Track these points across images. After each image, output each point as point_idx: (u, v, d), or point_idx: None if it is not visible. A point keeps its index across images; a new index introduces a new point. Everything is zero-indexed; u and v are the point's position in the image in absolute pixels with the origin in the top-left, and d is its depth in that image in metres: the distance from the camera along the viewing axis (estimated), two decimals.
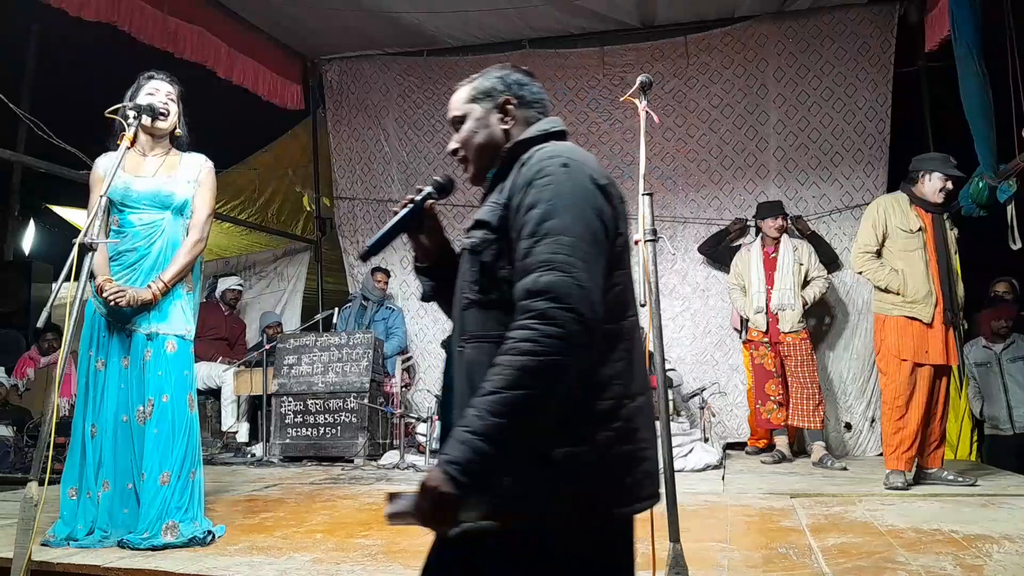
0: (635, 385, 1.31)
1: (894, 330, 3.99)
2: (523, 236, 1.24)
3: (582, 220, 1.24)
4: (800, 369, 5.08)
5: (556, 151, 1.33)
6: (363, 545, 2.77)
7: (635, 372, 1.32)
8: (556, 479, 1.21)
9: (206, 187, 3.06)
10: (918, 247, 3.99)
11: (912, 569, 2.35)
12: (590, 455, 1.23)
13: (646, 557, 2.43)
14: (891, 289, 4.00)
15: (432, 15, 6.21)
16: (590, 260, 1.21)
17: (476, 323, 1.32)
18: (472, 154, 1.52)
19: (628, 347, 1.31)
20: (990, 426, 5.30)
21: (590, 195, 1.27)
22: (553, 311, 1.15)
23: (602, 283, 1.23)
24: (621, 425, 1.26)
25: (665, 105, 6.34)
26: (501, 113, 1.48)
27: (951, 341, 3.96)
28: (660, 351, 2.25)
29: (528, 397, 1.14)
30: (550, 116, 1.52)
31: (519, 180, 1.31)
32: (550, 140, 1.42)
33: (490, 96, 1.49)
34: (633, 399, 1.29)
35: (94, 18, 4.75)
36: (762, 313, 5.19)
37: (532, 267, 1.20)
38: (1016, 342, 5.33)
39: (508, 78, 1.51)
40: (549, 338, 1.14)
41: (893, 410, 3.96)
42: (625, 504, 1.27)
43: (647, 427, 1.33)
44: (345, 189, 7.24)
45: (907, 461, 3.93)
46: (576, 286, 1.17)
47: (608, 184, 1.32)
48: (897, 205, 4.08)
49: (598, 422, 1.25)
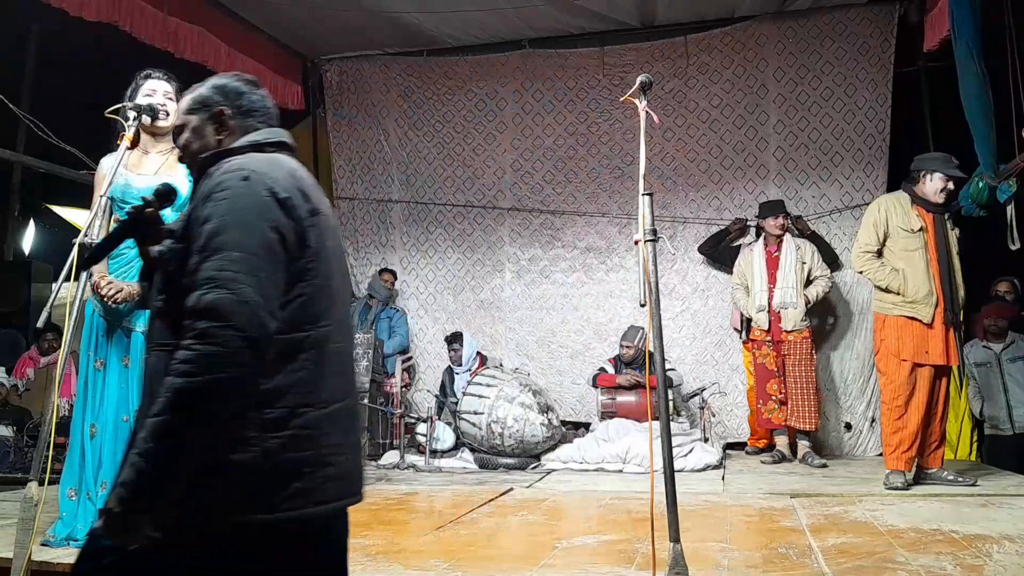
0: (323, 394, 1.35)
1: (894, 330, 3.98)
2: (195, 251, 1.27)
3: (254, 235, 1.26)
4: (799, 368, 5.09)
5: (242, 164, 1.34)
6: (363, 545, 2.77)
7: (325, 381, 1.36)
8: (223, 488, 1.25)
9: None
10: (919, 247, 3.99)
11: (912, 569, 2.35)
12: (257, 461, 1.26)
13: (646, 557, 2.43)
14: (892, 289, 3.99)
15: (432, 15, 6.21)
16: (261, 275, 1.24)
17: (160, 331, 1.37)
18: (189, 163, 1.53)
19: (314, 357, 1.34)
20: (990, 426, 5.30)
21: (266, 209, 1.29)
22: (213, 330, 1.18)
23: (277, 297, 1.27)
24: (295, 433, 1.30)
25: (665, 105, 6.34)
26: (215, 124, 1.48)
27: (951, 341, 3.95)
28: (660, 351, 2.25)
29: (186, 419, 1.18)
30: (273, 127, 1.52)
31: (200, 192, 1.34)
32: (264, 151, 1.43)
33: (206, 106, 1.49)
34: (317, 407, 1.33)
35: (95, 18, 4.75)
36: (764, 311, 5.20)
37: (198, 284, 1.22)
38: (1016, 342, 5.32)
39: (226, 87, 1.51)
40: (208, 358, 1.17)
41: (892, 410, 3.95)
42: (298, 507, 1.29)
43: (340, 433, 1.38)
44: (345, 189, 7.24)
45: (907, 461, 3.92)
46: (240, 303, 1.20)
47: (290, 197, 1.33)
48: (898, 204, 4.07)
49: (268, 430, 1.28)
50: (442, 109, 7.00)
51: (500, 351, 6.70)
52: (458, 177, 6.99)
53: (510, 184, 6.88)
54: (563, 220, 6.73)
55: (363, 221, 7.22)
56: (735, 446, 5.89)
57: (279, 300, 1.28)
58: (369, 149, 7.20)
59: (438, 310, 6.98)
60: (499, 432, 4.99)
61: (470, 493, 4.00)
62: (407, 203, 7.10)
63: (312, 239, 1.35)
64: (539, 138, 6.80)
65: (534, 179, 6.82)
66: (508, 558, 2.65)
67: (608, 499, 3.79)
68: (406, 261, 7.09)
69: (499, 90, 6.89)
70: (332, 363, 1.38)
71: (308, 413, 1.32)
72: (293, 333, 1.32)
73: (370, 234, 7.20)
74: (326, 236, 1.40)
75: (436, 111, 7.01)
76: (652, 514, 2.16)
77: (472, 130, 6.95)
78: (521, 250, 6.82)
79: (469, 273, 6.92)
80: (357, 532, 3.00)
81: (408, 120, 7.10)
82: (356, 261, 7.19)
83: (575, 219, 6.70)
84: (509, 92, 6.87)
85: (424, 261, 7.06)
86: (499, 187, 6.91)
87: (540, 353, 6.66)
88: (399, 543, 2.79)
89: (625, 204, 6.49)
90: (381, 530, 3.05)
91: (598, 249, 6.64)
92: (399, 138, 7.11)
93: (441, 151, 7.03)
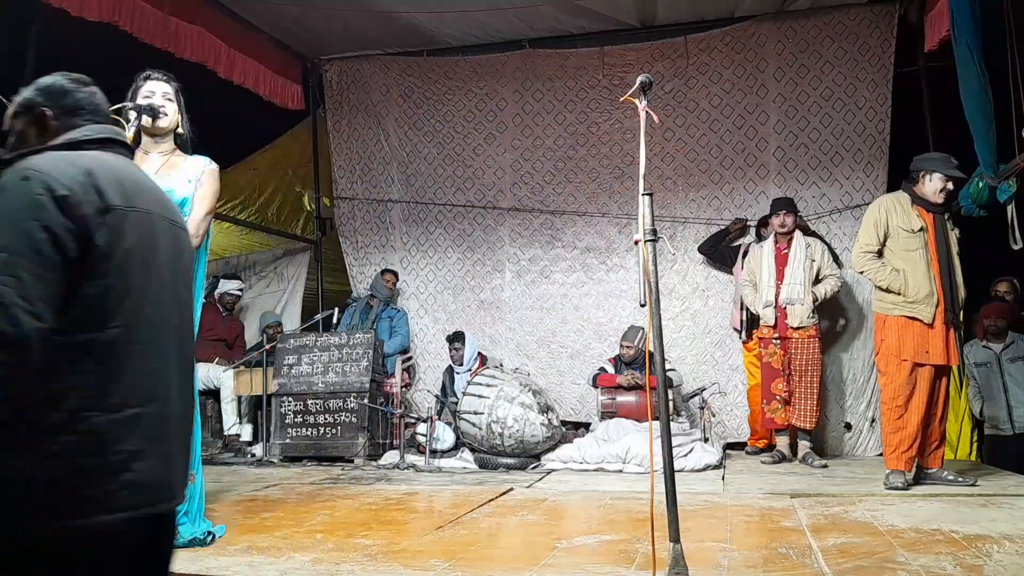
0: (114, 398, 1.31)
1: (895, 330, 3.98)
2: None
3: (19, 234, 1.23)
4: (804, 367, 5.07)
5: (29, 163, 1.31)
6: (363, 545, 2.77)
7: (117, 385, 1.32)
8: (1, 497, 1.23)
9: (206, 187, 3.01)
10: (919, 247, 3.99)
11: (912, 569, 2.35)
12: (38, 467, 1.23)
13: (646, 557, 2.43)
14: (892, 289, 3.99)
15: (432, 15, 6.21)
16: (24, 275, 1.21)
17: None
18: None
19: (102, 359, 1.30)
20: (990, 426, 5.30)
21: (36, 208, 1.25)
22: None
23: (47, 298, 1.23)
24: (80, 438, 1.26)
25: (665, 105, 6.34)
26: (37, 126, 1.46)
27: (952, 341, 3.95)
28: (660, 351, 2.25)
29: None
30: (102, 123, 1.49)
31: None
32: (82, 148, 1.40)
33: (29, 109, 1.47)
34: (107, 412, 1.30)
35: (95, 18, 4.75)
36: (771, 307, 5.17)
37: None
38: (1016, 342, 5.32)
39: (51, 88, 1.49)
40: None
41: (892, 410, 3.95)
42: (87, 515, 1.26)
43: (142, 439, 1.34)
44: (345, 189, 7.24)
45: (907, 461, 3.92)
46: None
47: (70, 195, 1.28)
48: (899, 205, 4.07)
49: (49, 434, 1.25)
50: (442, 109, 7.01)
51: (500, 351, 6.71)
52: (458, 177, 6.99)
53: (510, 184, 6.88)
54: (563, 220, 6.73)
55: (363, 221, 7.22)
56: (735, 446, 5.89)
57: (50, 301, 1.24)
58: (369, 149, 7.21)
59: (438, 310, 6.98)
60: (499, 432, 4.99)
61: (470, 493, 4.00)
62: (407, 203, 7.10)
63: (101, 238, 1.30)
64: (539, 138, 6.80)
65: (534, 179, 6.82)
66: (508, 558, 2.65)
67: (608, 499, 3.79)
68: (406, 261, 7.09)
69: (499, 90, 6.89)
70: (132, 366, 1.34)
71: (95, 417, 1.28)
72: (77, 334, 1.28)
73: (370, 234, 7.20)
74: (124, 235, 1.34)
75: (436, 111, 7.01)
76: (652, 514, 2.16)
77: (472, 130, 6.96)
78: (521, 250, 6.82)
79: (469, 273, 6.93)
80: (357, 532, 3.01)
81: (408, 120, 7.10)
82: (356, 261, 7.19)
83: (575, 219, 6.70)
84: (509, 92, 6.88)
85: (424, 261, 7.06)
86: (499, 187, 6.91)
87: (540, 353, 6.66)
88: (399, 543, 2.80)
89: (625, 204, 6.50)
90: (381, 530, 3.05)
91: (598, 249, 6.64)
92: (399, 138, 7.11)
93: (441, 151, 7.03)
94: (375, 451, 5.47)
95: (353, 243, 7.21)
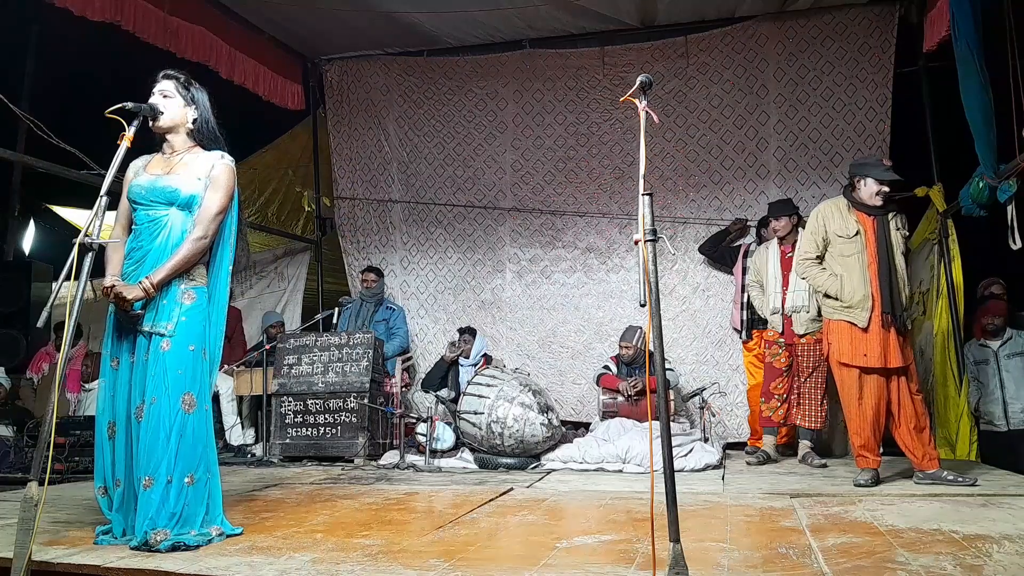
0: None
1: (836, 334, 4.07)
2: None
3: None
4: (810, 371, 5.01)
5: None
6: (363, 545, 2.77)
7: None
8: None
9: (217, 183, 2.96)
10: (855, 251, 4.03)
11: (912, 569, 2.35)
12: None
13: (646, 557, 2.43)
14: (830, 294, 4.08)
15: (432, 15, 6.21)
16: None
17: None
18: None
19: None
20: (984, 422, 5.31)
21: None
22: None
23: None
24: None
25: (665, 105, 6.34)
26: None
27: (892, 344, 3.93)
28: (660, 351, 2.25)
29: None
30: None
31: None
32: None
33: None
34: None
35: (98, 18, 4.76)
36: (778, 314, 5.13)
37: None
38: (1014, 337, 5.34)
39: None
40: None
41: (847, 411, 4.08)
42: None
43: None
44: (345, 189, 7.25)
45: (872, 460, 4.03)
46: None
47: None
48: (836, 210, 4.14)
49: None
50: (442, 109, 7.01)
51: (501, 351, 6.71)
52: (459, 177, 6.99)
53: (510, 184, 6.88)
54: (564, 220, 6.73)
55: (363, 221, 7.23)
56: (735, 446, 5.89)
57: None
58: (369, 149, 7.21)
59: (438, 310, 6.98)
60: (499, 432, 4.99)
61: (470, 493, 4.00)
62: (407, 203, 7.10)
63: None
64: (539, 138, 6.81)
65: (534, 179, 6.82)
66: (508, 558, 2.65)
67: (608, 499, 3.79)
68: (406, 261, 7.09)
69: (499, 90, 6.89)
70: None
71: None
72: None
73: (370, 234, 7.21)
74: None
75: (436, 111, 7.01)
76: (652, 514, 2.16)
77: (472, 130, 6.96)
78: (522, 250, 6.82)
79: (470, 273, 6.93)
80: (357, 532, 3.01)
81: (408, 120, 7.11)
82: (356, 261, 7.19)
83: (575, 219, 6.70)
84: (509, 92, 6.88)
85: (424, 261, 7.06)
86: (500, 187, 6.91)
87: (541, 353, 6.66)
88: (399, 543, 2.80)
89: (625, 204, 6.50)
90: (381, 530, 3.05)
91: (598, 249, 6.64)
92: (399, 138, 7.12)
93: (441, 151, 7.03)
94: (375, 451, 5.48)
95: (353, 243, 7.21)
